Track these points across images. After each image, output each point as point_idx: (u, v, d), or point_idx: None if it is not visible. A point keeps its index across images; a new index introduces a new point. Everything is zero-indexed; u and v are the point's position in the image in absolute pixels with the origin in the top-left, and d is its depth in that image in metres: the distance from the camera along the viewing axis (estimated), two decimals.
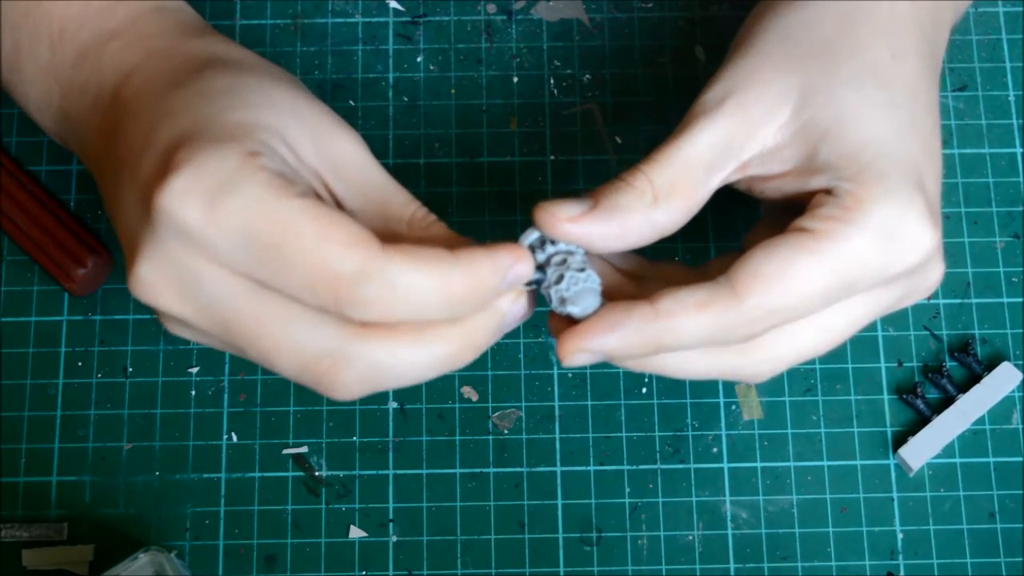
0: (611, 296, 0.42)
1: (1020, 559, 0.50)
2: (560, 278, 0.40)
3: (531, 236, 0.40)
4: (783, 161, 0.41)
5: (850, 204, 0.39)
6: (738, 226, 0.48)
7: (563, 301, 0.40)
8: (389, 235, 0.39)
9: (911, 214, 0.39)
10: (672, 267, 0.44)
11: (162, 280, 0.37)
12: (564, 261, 0.40)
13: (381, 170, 0.41)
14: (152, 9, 0.44)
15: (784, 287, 0.38)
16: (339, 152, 0.40)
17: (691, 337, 0.38)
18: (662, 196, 0.40)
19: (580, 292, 0.40)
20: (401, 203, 0.40)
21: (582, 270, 0.40)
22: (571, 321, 0.40)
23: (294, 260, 0.35)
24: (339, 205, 0.40)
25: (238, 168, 0.36)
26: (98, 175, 0.43)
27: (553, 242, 0.40)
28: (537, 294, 0.40)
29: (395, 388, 0.39)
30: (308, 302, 0.36)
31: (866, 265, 0.39)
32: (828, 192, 0.39)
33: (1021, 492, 0.50)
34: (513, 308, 0.39)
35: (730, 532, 0.50)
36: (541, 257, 0.40)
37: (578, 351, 0.39)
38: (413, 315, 0.37)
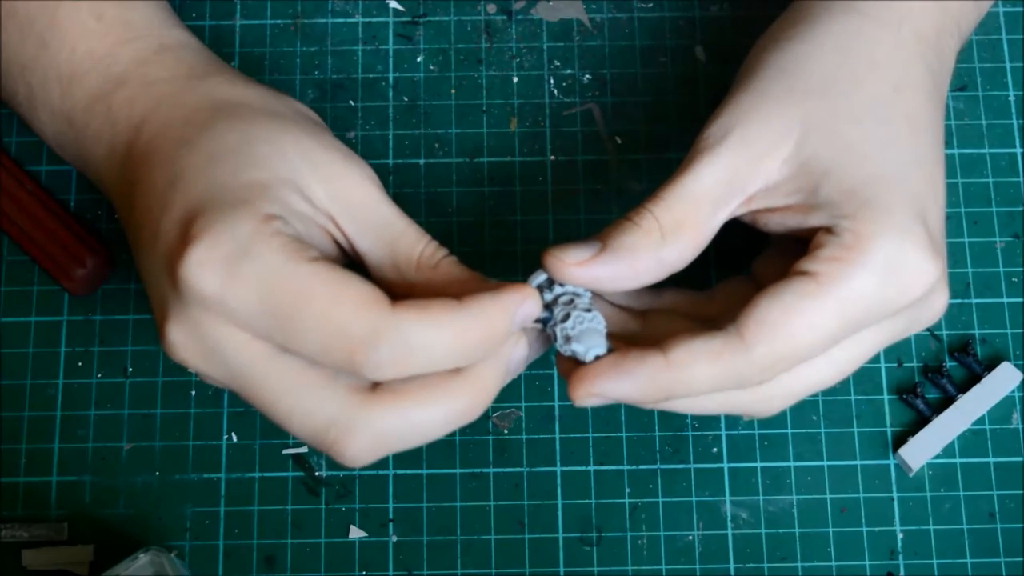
0: (617, 334, 0.42)
1: (1020, 559, 0.50)
2: (566, 316, 0.40)
3: (539, 277, 0.41)
4: (787, 195, 0.41)
5: (850, 243, 0.39)
6: (740, 251, 0.48)
7: (568, 340, 0.40)
8: (399, 277, 0.40)
9: (912, 248, 0.39)
10: (676, 295, 0.45)
11: (189, 343, 0.38)
12: (571, 301, 0.41)
13: (391, 207, 0.41)
14: (156, 51, 0.44)
15: (791, 334, 0.38)
16: (350, 193, 0.41)
17: (703, 385, 0.39)
18: (670, 233, 0.40)
19: (585, 331, 0.40)
20: (410, 242, 0.41)
21: (588, 310, 0.40)
22: (579, 362, 0.40)
23: (308, 324, 0.36)
24: (352, 246, 0.41)
25: (252, 234, 0.37)
26: (121, 220, 0.44)
27: (561, 283, 0.41)
28: (546, 333, 0.41)
29: (411, 448, 0.39)
30: (324, 364, 0.37)
31: (870, 304, 0.39)
32: (829, 230, 0.40)
33: (1021, 492, 0.50)
34: (515, 351, 0.40)
35: (730, 532, 0.50)
36: (548, 297, 0.41)
37: (589, 395, 0.39)
38: (428, 368, 0.37)
